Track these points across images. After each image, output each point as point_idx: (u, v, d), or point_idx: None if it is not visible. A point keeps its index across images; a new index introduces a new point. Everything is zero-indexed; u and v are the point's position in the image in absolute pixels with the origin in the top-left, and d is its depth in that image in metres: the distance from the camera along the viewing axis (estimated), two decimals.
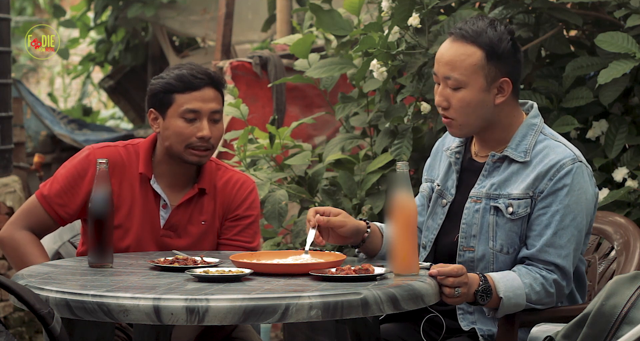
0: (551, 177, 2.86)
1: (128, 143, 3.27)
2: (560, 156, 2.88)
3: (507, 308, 2.83)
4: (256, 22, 8.21)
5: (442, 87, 2.93)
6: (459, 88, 2.89)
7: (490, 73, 2.88)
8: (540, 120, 2.99)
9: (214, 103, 3.18)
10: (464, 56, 2.88)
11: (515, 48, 2.91)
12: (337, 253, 2.87)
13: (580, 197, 2.87)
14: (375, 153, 4.47)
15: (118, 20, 9.59)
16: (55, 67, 13.63)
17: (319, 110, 6.06)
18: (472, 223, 2.94)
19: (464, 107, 2.90)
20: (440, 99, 2.93)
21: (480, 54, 2.87)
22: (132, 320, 2.42)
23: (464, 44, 2.88)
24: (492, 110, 2.92)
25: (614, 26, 4.04)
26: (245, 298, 2.40)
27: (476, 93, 2.89)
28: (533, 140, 2.93)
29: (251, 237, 3.28)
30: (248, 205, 3.28)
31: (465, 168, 3.02)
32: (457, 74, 2.88)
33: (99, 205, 2.86)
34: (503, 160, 2.94)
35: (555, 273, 2.85)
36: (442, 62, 2.91)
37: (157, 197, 3.22)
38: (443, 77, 2.91)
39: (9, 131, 6.55)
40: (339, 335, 2.80)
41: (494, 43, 2.87)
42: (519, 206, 2.88)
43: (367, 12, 4.77)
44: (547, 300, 2.86)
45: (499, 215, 2.90)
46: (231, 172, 3.31)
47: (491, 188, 2.93)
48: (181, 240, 3.22)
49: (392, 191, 2.75)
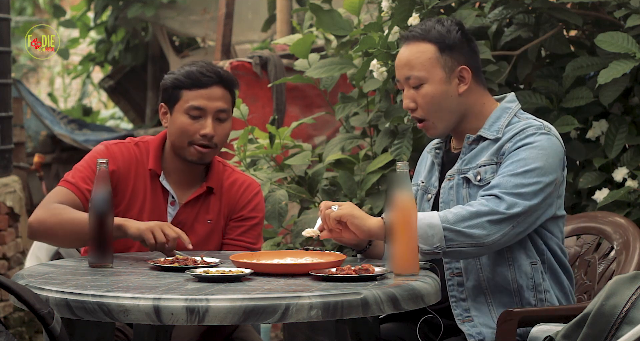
0: (512, 139, 2.92)
1: (139, 140, 3.30)
2: (526, 124, 2.94)
3: (423, 231, 2.77)
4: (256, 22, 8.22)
5: (406, 90, 3.02)
6: (421, 84, 2.99)
7: (447, 63, 2.98)
8: (517, 105, 3.04)
9: (220, 102, 3.19)
10: (418, 53, 2.98)
11: (466, 38, 3.01)
12: (337, 253, 2.87)
13: (539, 155, 2.87)
14: (375, 153, 4.47)
15: (118, 20, 9.59)
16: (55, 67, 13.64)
17: (319, 110, 6.06)
18: (449, 200, 2.99)
19: (430, 102, 2.98)
20: (407, 101, 3.02)
21: (433, 48, 2.98)
22: (132, 320, 2.42)
23: (416, 43, 3.00)
24: (457, 100, 2.99)
25: (614, 26, 4.04)
26: (245, 298, 2.40)
27: (438, 86, 2.98)
28: (506, 121, 2.99)
29: (255, 239, 3.29)
30: (253, 206, 3.30)
31: (446, 161, 3.09)
32: (416, 71, 2.98)
33: (99, 205, 2.86)
34: (478, 142, 3.00)
35: (488, 200, 2.82)
36: (401, 65, 3.02)
37: (166, 193, 3.24)
38: (404, 79, 3.01)
39: (9, 131, 6.55)
40: (339, 335, 2.80)
41: (443, 35, 2.98)
42: (485, 172, 2.93)
43: (367, 12, 4.77)
44: (471, 222, 2.79)
45: (470, 186, 2.95)
46: (238, 174, 3.33)
47: (462, 164, 2.99)
48: None
49: (392, 191, 2.75)
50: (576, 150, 4.00)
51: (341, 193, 4.51)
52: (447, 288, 2.98)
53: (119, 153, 3.24)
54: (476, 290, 2.96)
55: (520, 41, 4.13)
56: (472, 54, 3.02)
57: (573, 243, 3.32)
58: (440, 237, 2.80)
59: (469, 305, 2.96)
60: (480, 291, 2.96)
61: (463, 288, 2.97)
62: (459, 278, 2.97)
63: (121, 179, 3.21)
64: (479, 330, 2.93)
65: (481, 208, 2.82)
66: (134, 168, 3.24)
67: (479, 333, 2.93)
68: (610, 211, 3.59)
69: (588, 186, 3.91)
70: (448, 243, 2.81)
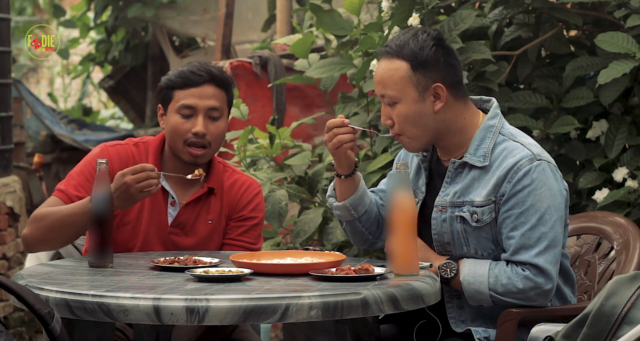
0: (509, 180, 2.87)
1: (139, 141, 3.30)
2: (517, 158, 2.88)
3: (472, 294, 2.87)
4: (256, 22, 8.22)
5: (383, 106, 2.98)
6: (395, 103, 2.94)
7: (420, 82, 2.91)
8: (499, 119, 2.98)
9: (212, 101, 3.19)
10: (391, 71, 2.93)
11: (443, 52, 2.93)
12: (337, 253, 2.87)
13: (544, 194, 2.86)
14: (375, 153, 4.47)
15: (118, 20, 9.59)
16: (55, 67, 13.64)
17: (319, 110, 6.06)
18: (443, 232, 2.97)
19: (404, 121, 2.94)
20: (384, 118, 2.99)
21: (406, 66, 2.92)
22: (132, 320, 2.42)
23: (390, 60, 2.94)
24: (433, 118, 2.93)
25: (614, 26, 4.04)
26: (245, 298, 2.40)
27: (411, 105, 2.92)
28: (491, 143, 2.93)
29: (255, 239, 3.29)
30: (253, 206, 3.30)
31: (433, 169, 3.05)
32: (389, 90, 2.94)
33: (99, 205, 2.86)
34: (464, 166, 2.95)
35: (529, 270, 2.85)
36: (376, 82, 2.98)
37: (166, 194, 3.24)
38: (380, 96, 2.97)
39: (9, 131, 6.55)
40: (339, 335, 2.80)
41: (416, 52, 2.91)
42: (482, 213, 2.90)
43: (367, 12, 4.77)
44: (519, 295, 2.85)
45: (465, 223, 2.92)
46: (238, 174, 3.33)
47: (454, 196, 2.94)
48: (188, 239, 3.23)
49: (391, 191, 2.75)
50: (576, 150, 4.00)
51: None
52: (446, 309, 2.99)
53: (116, 154, 3.23)
54: (475, 311, 2.96)
55: (520, 41, 4.13)
56: (449, 69, 2.94)
57: (573, 243, 3.32)
58: (488, 301, 2.89)
59: (468, 324, 2.97)
60: (479, 314, 2.96)
61: (462, 311, 2.97)
62: (458, 301, 2.98)
63: None
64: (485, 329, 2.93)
65: (527, 284, 2.85)
66: None
67: (484, 330, 2.93)
68: (610, 211, 3.59)
69: (588, 186, 3.91)
70: (496, 304, 2.91)
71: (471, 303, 2.90)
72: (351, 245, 4.50)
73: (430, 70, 2.91)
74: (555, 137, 4.07)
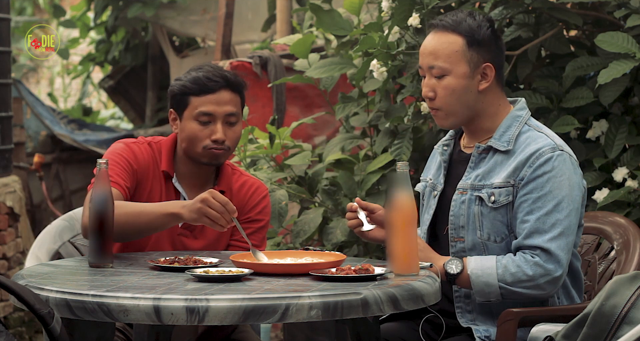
0: (530, 165, 2.90)
1: (151, 141, 3.30)
2: (540, 144, 2.92)
3: (480, 288, 2.87)
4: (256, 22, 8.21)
5: (427, 78, 3.01)
6: (444, 76, 2.98)
7: (472, 59, 2.96)
8: (527, 112, 3.03)
9: (229, 106, 3.19)
10: (445, 44, 2.97)
11: (495, 35, 3.00)
12: (337, 253, 2.87)
13: (563, 183, 2.89)
14: (375, 153, 4.47)
15: (118, 20, 9.59)
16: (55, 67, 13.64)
17: (319, 110, 6.06)
18: (460, 214, 2.98)
19: (449, 95, 2.97)
20: (426, 90, 3.01)
21: (461, 41, 2.96)
22: (132, 320, 2.42)
23: (445, 33, 2.98)
24: (476, 97, 2.98)
25: (614, 26, 4.04)
26: (245, 298, 2.40)
27: (460, 80, 2.96)
28: (517, 131, 2.98)
29: (260, 241, 3.29)
30: (260, 209, 3.30)
31: (455, 160, 3.09)
32: (441, 62, 2.97)
33: (99, 205, 2.86)
34: (488, 151, 2.99)
35: (539, 256, 2.86)
36: (426, 53, 3.01)
37: (178, 195, 3.24)
38: (427, 67, 3.00)
39: (9, 131, 6.55)
40: (339, 335, 2.80)
41: (474, 30, 2.96)
42: (500, 194, 2.92)
43: (367, 12, 4.77)
44: (529, 283, 2.86)
45: (482, 204, 2.95)
46: (246, 177, 3.35)
47: (476, 179, 2.98)
48: (197, 241, 3.24)
49: (392, 191, 2.75)
50: (576, 150, 3.99)
51: (341, 193, 4.50)
52: (454, 299, 2.99)
53: (139, 152, 3.24)
54: (484, 312, 2.96)
55: (520, 41, 4.13)
56: (499, 53, 3.01)
57: None
58: (496, 294, 2.89)
59: (475, 315, 2.97)
60: (488, 305, 2.96)
61: (470, 300, 2.97)
62: (466, 290, 2.97)
63: (142, 179, 3.21)
64: (485, 328, 2.93)
65: (537, 271, 2.86)
66: (152, 168, 3.24)
67: (486, 330, 2.93)
68: (610, 211, 3.59)
69: (588, 186, 3.91)
70: (504, 297, 2.90)
71: (479, 298, 2.90)
72: (351, 245, 4.50)
73: (484, 49, 2.97)
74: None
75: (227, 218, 2.89)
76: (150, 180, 3.23)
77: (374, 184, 4.39)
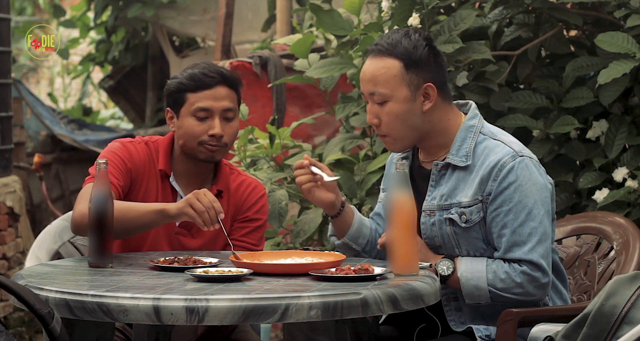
0: (495, 178, 2.88)
1: (148, 140, 3.30)
2: (499, 155, 2.89)
3: (469, 291, 2.86)
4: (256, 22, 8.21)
5: (370, 105, 2.96)
6: (385, 102, 2.93)
7: (412, 81, 2.91)
8: (479, 119, 2.99)
9: (226, 102, 3.20)
10: (383, 69, 2.92)
11: (433, 52, 2.94)
12: (337, 253, 2.87)
13: (529, 189, 2.87)
14: (375, 153, 4.48)
15: (118, 20, 9.59)
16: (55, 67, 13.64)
17: (319, 110, 6.06)
18: (433, 236, 2.97)
19: (394, 120, 2.93)
20: (370, 117, 2.97)
21: (399, 64, 2.91)
22: (132, 320, 2.42)
23: (382, 58, 2.92)
24: (421, 118, 2.93)
25: (614, 26, 4.04)
26: (245, 298, 2.40)
27: (402, 104, 2.92)
28: (472, 143, 2.94)
29: (257, 240, 3.29)
30: (258, 208, 3.31)
31: (415, 175, 3.04)
32: (380, 88, 2.92)
33: (99, 205, 2.86)
34: (447, 167, 2.96)
35: (525, 265, 2.86)
36: (365, 80, 2.95)
37: (175, 194, 3.24)
38: (368, 94, 2.95)
39: (9, 131, 6.55)
40: (339, 335, 2.80)
41: (410, 51, 2.90)
42: (471, 213, 2.90)
43: (367, 12, 4.77)
44: (519, 290, 2.86)
45: (454, 225, 2.93)
46: (244, 176, 3.35)
47: (441, 199, 2.95)
48: (195, 240, 3.24)
49: (391, 191, 2.75)
50: (576, 150, 4.00)
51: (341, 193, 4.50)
52: (445, 312, 2.99)
53: (135, 151, 3.24)
54: (474, 312, 2.96)
55: (520, 41, 4.13)
56: (439, 70, 2.95)
57: (573, 243, 3.32)
58: (486, 298, 2.88)
59: (468, 324, 2.96)
60: (478, 314, 2.96)
61: (461, 313, 2.97)
62: (456, 303, 2.97)
63: (137, 178, 3.22)
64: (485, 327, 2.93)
65: (525, 279, 2.85)
66: (148, 167, 3.24)
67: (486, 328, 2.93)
68: (610, 211, 3.59)
69: (588, 186, 3.91)
70: (494, 301, 2.90)
71: (469, 301, 2.89)
72: None
73: (423, 69, 2.91)
74: (555, 137, 4.07)
75: (211, 214, 2.89)
76: (145, 179, 3.23)
77: (374, 184, 4.39)
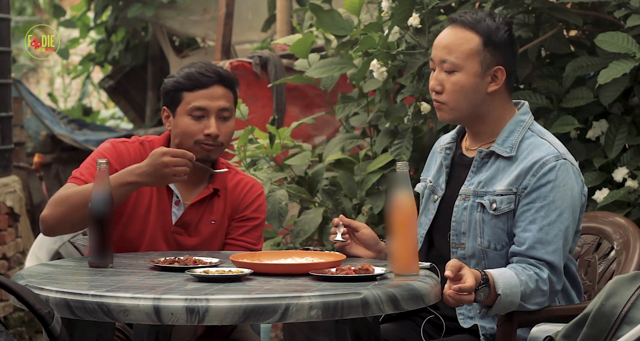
0: (534, 173, 2.89)
1: (144, 139, 3.30)
2: (543, 153, 2.91)
3: (502, 306, 2.83)
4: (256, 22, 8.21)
5: (437, 72, 2.98)
6: (454, 71, 2.95)
7: (485, 59, 2.94)
8: (530, 117, 3.02)
9: (222, 101, 3.20)
10: (461, 40, 2.94)
11: (511, 39, 2.98)
12: (337, 253, 2.87)
13: (566, 193, 2.88)
14: (375, 153, 4.47)
15: (118, 20, 9.59)
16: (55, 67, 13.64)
17: (319, 110, 6.06)
18: (462, 220, 2.97)
19: (457, 91, 2.95)
20: (434, 83, 2.98)
21: (478, 40, 2.93)
22: (132, 320, 2.42)
23: (463, 30, 2.95)
24: (483, 98, 2.96)
25: (614, 26, 4.04)
26: (245, 298, 2.40)
27: (470, 78, 2.94)
28: (520, 136, 2.96)
29: (256, 240, 3.29)
30: (256, 207, 3.30)
31: (456, 163, 3.06)
32: (454, 58, 2.94)
33: (99, 205, 2.86)
34: (490, 156, 2.97)
35: (547, 270, 2.86)
36: (440, 46, 2.97)
37: (170, 193, 3.24)
38: (439, 61, 2.97)
39: (9, 131, 6.55)
40: (339, 335, 2.80)
41: (492, 31, 2.93)
42: (501, 202, 2.91)
43: (367, 12, 4.77)
44: (540, 299, 2.86)
45: (484, 211, 2.93)
46: (241, 175, 3.34)
47: (478, 186, 2.96)
48: (192, 239, 3.24)
49: (392, 191, 2.75)
50: (576, 150, 4.00)
51: (341, 193, 4.51)
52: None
53: (126, 151, 3.24)
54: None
55: (520, 41, 4.13)
56: (512, 57, 2.98)
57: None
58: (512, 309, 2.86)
59: (476, 321, 2.96)
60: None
61: (471, 307, 2.96)
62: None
63: None
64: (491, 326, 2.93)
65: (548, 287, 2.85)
66: None
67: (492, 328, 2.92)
68: (610, 211, 3.59)
69: (588, 186, 3.90)
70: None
71: (493, 313, 2.86)
72: None
73: (499, 52, 2.94)
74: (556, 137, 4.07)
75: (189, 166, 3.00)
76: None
77: (374, 184, 4.39)
